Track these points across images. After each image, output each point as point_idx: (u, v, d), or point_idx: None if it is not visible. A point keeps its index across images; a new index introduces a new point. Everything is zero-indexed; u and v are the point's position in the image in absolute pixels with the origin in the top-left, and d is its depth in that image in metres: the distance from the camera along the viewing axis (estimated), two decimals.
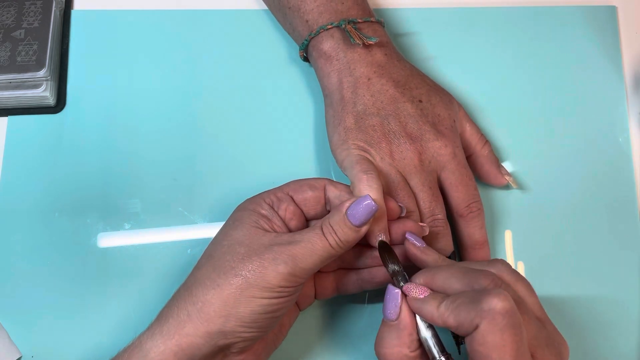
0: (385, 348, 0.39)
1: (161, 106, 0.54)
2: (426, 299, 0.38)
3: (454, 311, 0.36)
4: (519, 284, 0.39)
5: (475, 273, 0.38)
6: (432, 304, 0.37)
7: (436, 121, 0.48)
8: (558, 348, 0.38)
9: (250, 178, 0.52)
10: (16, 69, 0.51)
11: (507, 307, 0.34)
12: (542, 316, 0.39)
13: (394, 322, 0.39)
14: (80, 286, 0.49)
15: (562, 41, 0.57)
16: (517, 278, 0.39)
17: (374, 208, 0.40)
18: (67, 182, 0.51)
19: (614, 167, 0.54)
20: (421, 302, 0.38)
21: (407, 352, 0.39)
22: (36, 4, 0.53)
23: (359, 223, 0.41)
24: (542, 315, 0.39)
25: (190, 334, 0.39)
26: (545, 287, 0.50)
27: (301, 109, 0.54)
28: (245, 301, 0.39)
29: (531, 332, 0.36)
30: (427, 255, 0.42)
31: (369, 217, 0.41)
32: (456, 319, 0.36)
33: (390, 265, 0.41)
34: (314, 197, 0.44)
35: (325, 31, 0.50)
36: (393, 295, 0.39)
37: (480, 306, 0.34)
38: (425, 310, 0.38)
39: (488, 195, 0.52)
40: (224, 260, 0.40)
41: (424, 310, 0.38)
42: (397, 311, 0.39)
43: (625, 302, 0.50)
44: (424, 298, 0.38)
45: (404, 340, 0.39)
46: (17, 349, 0.47)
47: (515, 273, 0.39)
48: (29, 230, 0.50)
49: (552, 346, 0.37)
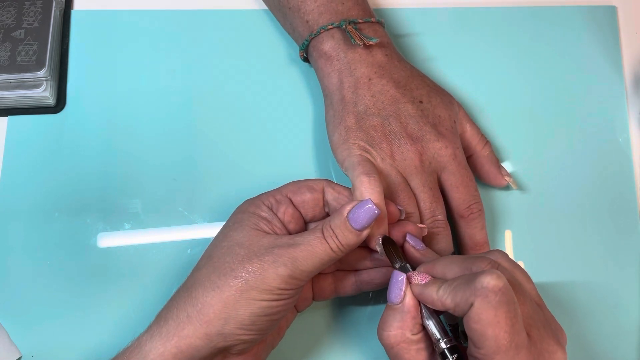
0: (387, 330, 0.40)
1: (161, 106, 0.54)
2: (427, 284, 0.39)
3: (451, 293, 0.37)
4: (517, 271, 0.40)
5: (473, 258, 0.39)
6: (432, 288, 0.39)
7: (437, 122, 0.48)
8: (555, 332, 0.38)
9: (250, 178, 0.52)
10: (16, 69, 0.51)
11: (499, 285, 0.35)
12: (539, 302, 0.40)
13: (397, 305, 0.40)
14: (80, 286, 0.49)
15: (562, 41, 0.57)
16: (515, 266, 0.40)
17: (375, 212, 0.41)
18: (67, 182, 0.51)
19: (614, 167, 0.54)
20: (422, 287, 0.39)
21: (409, 335, 0.40)
22: (36, 4, 0.53)
23: (360, 227, 0.41)
24: (540, 301, 0.40)
25: (190, 336, 0.39)
26: (545, 287, 0.50)
27: (301, 109, 0.54)
28: (245, 303, 0.39)
29: (526, 312, 0.37)
30: (426, 257, 0.43)
31: (371, 221, 0.41)
32: (453, 300, 0.37)
33: (396, 258, 0.42)
34: (313, 199, 0.44)
35: (326, 31, 0.50)
36: (398, 280, 0.40)
37: (474, 285, 0.36)
38: (426, 294, 0.39)
39: (488, 196, 0.52)
40: (223, 261, 0.40)
41: (425, 294, 0.39)
42: (402, 295, 0.40)
43: (626, 302, 0.50)
44: (425, 283, 0.39)
45: (407, 322, 0.40)
46: (17, 349, 0.47)
47: (513, 262, 0.40)
48: (29, 230, 0.50)
49: (549, 328, 0.38)
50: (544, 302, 0.40)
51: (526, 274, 0.41)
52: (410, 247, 0.43)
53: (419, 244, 0.44)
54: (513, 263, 0.40)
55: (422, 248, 0.44)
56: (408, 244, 0.44)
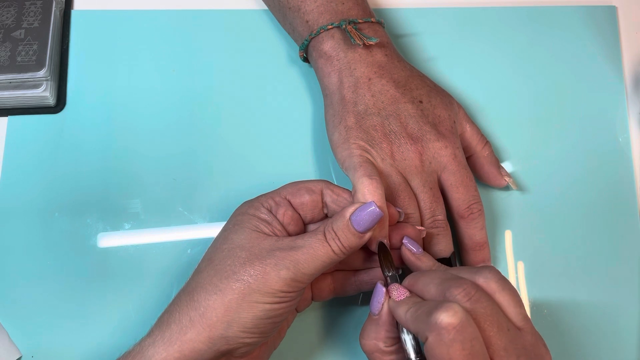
0: (364, 339, 0.41)
1: (161, 106, 0.54)
2: (400, 302, 0.39)
3: (414, 320, 0.37)
4: (504, 292, 0.38)
5: (451, 282, 0.37)
6: (403, 308, 0.38)
7: (437, 122, 0.48)
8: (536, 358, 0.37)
9: (250, 178, 0.52)
10: (16, 69, 0.51)
11: (453, 323, 0.34)
12: (524, 326, 0.38)
13: (375, 316, 0.40)
14: (80, 286, 0.49)
15: (562, 41, 0.57)
16: (503, 287, 0.38)
17: (378, 215, 0.41)
18: (67, 182, 0.51)
19: (614, 167, 0.54)
20: (396, 304, 0.39)
21: (382, 346, 0.40)
22: (36, 4, 0.53)
23: (363, 229, 0.41)
24: (525, 325, 0.38)
25: (193, 340, 0.39)
26: (545, 287, 0.50)
27: (301, 109, 0.54)
28: (248, 306, 0.39)
29: (501, 343, 0.36)
30: (422, 262, 0.43)
31: (374, 224, 0.41)
32: (414, 328, 0.37)
33: (385, 267, 0.42)
34: (312, 201, 0.44)
35: (326, 31, 0.50)
36: (379, 292, 0.40)
37: (430, 318, 0.35)
38: (397, 313, 0.39)
39: (488, 196, 0.52)
40: (225, 264, 0.40)
41: (396, 312, 0.39)
42: (380, 307, 0.40)
43: (626, 302, 0.50)
44: (399, 301, 0.39)
45: (381, 335, 0.40)
46: (17, 349, 0.47)
47: (502, 281, 0.38)
48: (29, 230, 0.50)
49: (527, 357, 0.37)
50: (531, 324, 0.38)
51: (514, 296, 0.38)
52: (407, 251, 0.43)
53: (416, 247, 0.44)
54: (501, 283, 0.38)
55: (420, 252, 0.43)
56: (405, 247, 0.44)
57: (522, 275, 0.51)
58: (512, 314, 0.38)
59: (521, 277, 0.51)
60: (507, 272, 0.51)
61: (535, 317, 0.49)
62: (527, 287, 0.50)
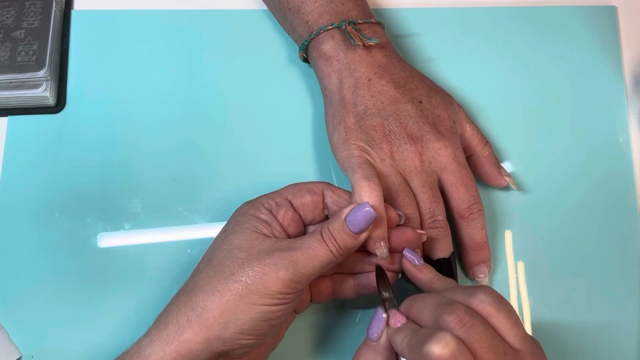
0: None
1: (161, 106, 0.54)
2: (398, 330, 0.39)
3: (409, 350, 0.37)
4: (500, 315, 0.37)
5: (444, 308, 0.37)
6: (400, 336, 0.38)
7: (436, 122, 0.48)
8: None
9: (250, 178, 0.52)
10: (16, 69, 0.51)
11: (445, 355, 0.34)
12: (522, 348, 0.37)
13: (373, 342, 0.40)
14: (80, 286, 0.49)
15: (562, 41, 0.57)
16: (500, 309, 0.37)
17: (372, 215, 0.40)
18: (67, 182, 0.51)
19: (614, 167, 0.54)
20: (393, 332, 0.39)
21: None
22: (36, 4, 0.53)
23: (357, 230, 0.41)
24: (523, 347, 0.37)
25: (190, 340, 0.39)
26: (545, 287, 0.50)
27: (301, 109, 0.54)
28: (245, 308, 0.39)
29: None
30: (422, 273, 0.43)
31: (368, 225, 0.41)
32: (409, 358, 0.37)
33: (383, 291, 0.41)
34: (313, 202, 0.44)
35: (326, 32, 0.50)
36: (378, 319, 0.40)
37: (422, 350, 0.35)
38: (394, 341, 0.38)
39: (488, 196, 0.52)
40: (223, 265, 0.40)
41: (393, 340, 0.39)
42: (379, 334, 0.39)
43: (626, 302, 0.50)
44: (396, 329, 0.39)
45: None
46: (17, 349, 0.47)
47: (498, 302, 0.37)
48: (29, 230, 0.50)
49: None
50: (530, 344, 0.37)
51: (511, 316, 0.37)
52: (407, 263, 0.43)
53: (417, 259, 0.43)
54: (497, 305, 0.37)
55: (421, 264, 0.43)
56: (405, 258, 0.43)
57: (522, 275, 0.51)
58: (509, 336, 0.37)
59: (521, 277, 0.51)
60: (507, 272, 0.51)
61: (535, 317, 0.49)
62: (527, 287, 0.50)
